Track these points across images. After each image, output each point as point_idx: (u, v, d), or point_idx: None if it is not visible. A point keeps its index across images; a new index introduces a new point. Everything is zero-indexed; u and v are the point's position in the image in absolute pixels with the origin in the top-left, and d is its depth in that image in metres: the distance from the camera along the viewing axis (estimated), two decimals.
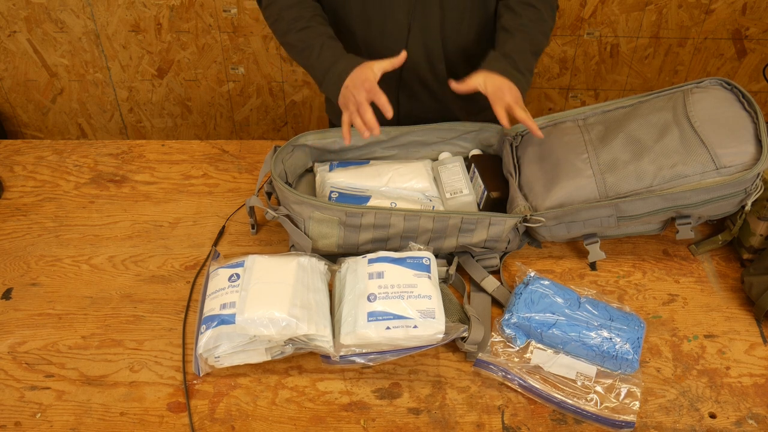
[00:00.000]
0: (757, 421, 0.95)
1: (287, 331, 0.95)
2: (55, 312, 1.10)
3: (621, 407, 0.95)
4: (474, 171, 1.24)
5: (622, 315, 1.03)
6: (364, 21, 1.24)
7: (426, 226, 1.09)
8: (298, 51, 1.19)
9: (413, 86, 1.32)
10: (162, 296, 1.12)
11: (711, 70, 2.35)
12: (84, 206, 1.30)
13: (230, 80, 2.42)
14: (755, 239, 1.13)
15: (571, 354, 1.01)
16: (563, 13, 2.21)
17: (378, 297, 0.98)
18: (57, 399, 0.97)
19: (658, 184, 1.07)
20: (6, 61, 2.38)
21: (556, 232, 1.15)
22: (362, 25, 1.25)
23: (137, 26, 2.28)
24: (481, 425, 0.94)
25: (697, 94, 1.14)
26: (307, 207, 1.07)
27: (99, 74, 2.41)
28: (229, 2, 2.21)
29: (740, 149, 1.05)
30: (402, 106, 1.35)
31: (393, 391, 0.99)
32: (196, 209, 1.29)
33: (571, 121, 1.23)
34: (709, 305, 1.11)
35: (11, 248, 1.21)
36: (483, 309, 1.08)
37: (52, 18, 2.26)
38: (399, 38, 1.24)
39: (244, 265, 1.03)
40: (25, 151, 1.43)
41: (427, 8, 1.20)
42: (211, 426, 0.94)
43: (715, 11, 2.19)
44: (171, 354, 1.03)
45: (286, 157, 1.20)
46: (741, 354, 1.04)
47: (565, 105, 2.49)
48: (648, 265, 1.17)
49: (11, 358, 1.03)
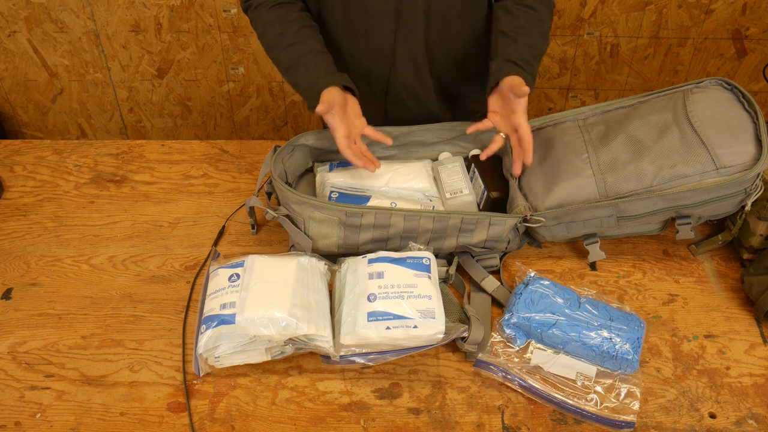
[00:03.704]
0: (757, 421, 0.95)
1: (287, 331, 0.95)
2: (55, 312, 1.10)
3: (621, 407, 0.95)
4: (474, 171, 1.24)
5: (622, 315, 1.03)
6: (349, 32, 1.23)
7: (426, 226, 1.09)
8: (285, 69, 1.17)
9: (400, 93, 1.31)
10: (162, 296, 1.12)
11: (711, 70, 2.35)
12: (84, 206, 1.30)
13: (230, 80, 2.42)
14: (755, 239, 1.13)
15: (571, 354, 1.01)
16: (563, 13, 2.21)
17: (378, 297, 0.98)
18: (57, 399, 0.97)
19: (658, 184, 1.07)
20: (6, 61, 2.38)
21: (556, 232, 1.15)
22: (347, 36, 1.24)
23: (137, 26, 2.28)
24: (481, 425, 0.94)
25: (697, 94, 1.14)
26: (307, 207, 1.07)
27: (99, 74, 2.41)
28: (229, 2, 2.21)
29: (740, 149, 1.05)
30: (389, 114, 1.35)
31: (393, 391, 0.99)
32: (196, 209, 1.29)
33: (571, 121, 1.23)
34: (709, 305, 1.11)
35: (11, 248, 1.21)
36: (483, 309, 1.08)
37: (52, 18, 2.26)
38: (384, 48, 1.23)
39: (244, 265, 1.03)
40: (25, 151, 1.43)
41: (411, 17, 1.19)
42: (211, 426, 0.94)
43: (715, 11, 2.19)
44: (171, 354, 1.03)
45: (286, 157, 1.19)
46: (741, 354, 1.04)
47: (565, 105, 2.49)
48: (648, 265, 1.17)
49: (11, 358, 1.03)
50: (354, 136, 1.13)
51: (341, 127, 1.10)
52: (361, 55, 1.26)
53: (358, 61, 1.27)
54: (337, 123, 1.09)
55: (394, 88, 1.30)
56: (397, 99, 1.32)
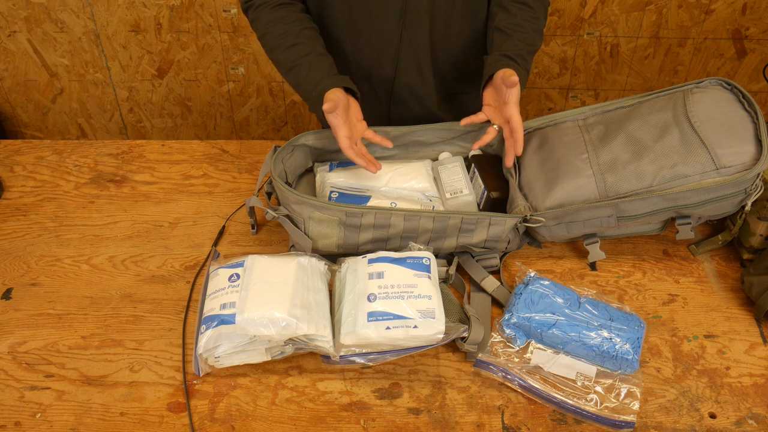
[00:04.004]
0: (757, 421, 0.95)
1: (287, 331, 0.95)
2: (55, 312, 1.10)
3: (621, 407, 0.95)
4: (474, 171, 1.24)
5: (622, 315, 1.03)
6: (352, 32, 1.23)
7: (426, 226, 1.09)
8: (286, 70, 1.17)
9: (402, 94, 1.32)
10: (162, 296, 1.12)
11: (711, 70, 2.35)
12: (84, 206, 1.30)
13: (230, 80, 2.42)
14: (755, 239, 1.13)
15: (571, 354, 1.01)
16: (563, 13, 2.22)
17: (378, 297, 0.98)
18: (57, 399, 0.97)
19: (658, 184, 1.07)
20: (6, 61, 2.38)
21: (556, 232, 1.15)
22: (350, 36, 1.24)
23: (137, 26, 2.28)
24: (481, 425, 0.94)
25: (697, 94, 1.14)
26: (307, 207, 1.07)
27: (99, 74, 2.41)
28: (229, 2, 2.21)
29: (740, 149, 1.05)
30: (392, 114, 1.36)
31: (393, 391, 0.99)
32: (196, 209, 1.29)
33: (571, 121, 1.23)
34: (709, 305, 1.11)
35: (11, 248, 1.21)
36: (483, 309, 1.08)
37: (52, 18, 2.26)
38: (388, 48, 1.23)
39: (244, 265, 1.03)
40: (25, 151, 1.43)
41: (416, 17, 1.19)
42: (211, 426, 0.94)
43: (715, 11, 2.19)
44: (171, 354, 1.03)
45: (286, 157, 1.19)
46: (741, 354, 1.04)
47: (565, 105, 2.49)
48: (648, 265, 1.17)
49: (11, 358, 1.03)
50: (355, 138, 1.13)
51: (344, 128, 1.10)
52: (363, 55, 1.26)
53: (360, 62, 1.27)
54: (340, 123, 1.09)
55: (397, 88, 1.30)
56: (399, 99, 1.32)
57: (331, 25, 1.23)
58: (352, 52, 1.26)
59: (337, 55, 1.22)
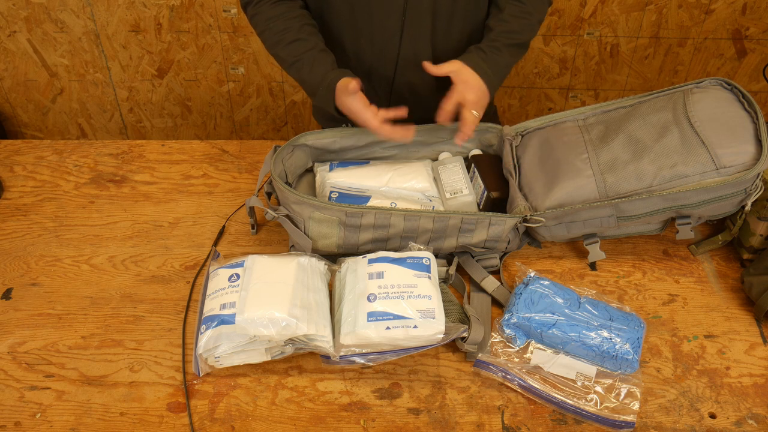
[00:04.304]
0: (757, 421, 0.95)
1: (287, 331, 0.95)
2: (55, 312, 1.10)
3: (621, 407, 0.95)
4: (474, 171, 1.24)
5: (622, 315, 1.03)
6: (353, 30, 1.23)
7: (426, 226, 1.09)
8: (288, 65, 1.18)
9: (403, 92, 1.32)
10: (162, 296, 1.12)
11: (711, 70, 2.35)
12: (84, 206, 1.30)
13: (230, 80, 2.42)
14: (755, 239, 1.13)
15: (571, 354, 1.01)
16: (563, 13, 2.22)
17: (378, 297, 0.98)
18: (57, 399, 0.97)
19: (658, 184, 1.07)
20: (6, 61, 2.38)
21: (556, 232, 1.15)
22: (351, 34, 1.24)
23: (137, 26, 2.28)
24: (481, 425, 0.94)
25: (697, 94, 1.14)
26: (307, 207, 1.07)
27: (99, 74, 2.41)
28: (229, 2, 2.21)
29: (740, 149, 1.05)
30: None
31: (393, 391, 0.99)
32: (196, 209, 1.29)
33: (571, 121, 1.23)
34: (709, 305, 1.11)
35: (11, 248, 1.21)
36: (483, 309, 1.08)
37: (52, 18, 2.26)
38: (389, 47, 1.23)
39: (244, 265, 1.03)
40: (25, 151, 1.43)
41: (418, 16, 1.20)
42: (211, 426, 0.94)
43: (715, 11, 2.19)
44: (171, 354, 1.03)
45: (286, 157, 1.19)
46: (741, 354, 1.04)
47: (565, 105, 2.49)
48: (648, 265, 1.17)
49: (11, 358, 1.03)
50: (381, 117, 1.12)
51: (369, 108, 1.09)
52: (365, 54, 1.26)
53: (361, 60, 1.27)
54: (363, 106, 1.09)
55: (397, 87, 1.30)
56: (400, 98, 1.32)
57: (332, 23, 1.24)
58: (353, 50, 1.26)
59: (338, 53, 1.22)
